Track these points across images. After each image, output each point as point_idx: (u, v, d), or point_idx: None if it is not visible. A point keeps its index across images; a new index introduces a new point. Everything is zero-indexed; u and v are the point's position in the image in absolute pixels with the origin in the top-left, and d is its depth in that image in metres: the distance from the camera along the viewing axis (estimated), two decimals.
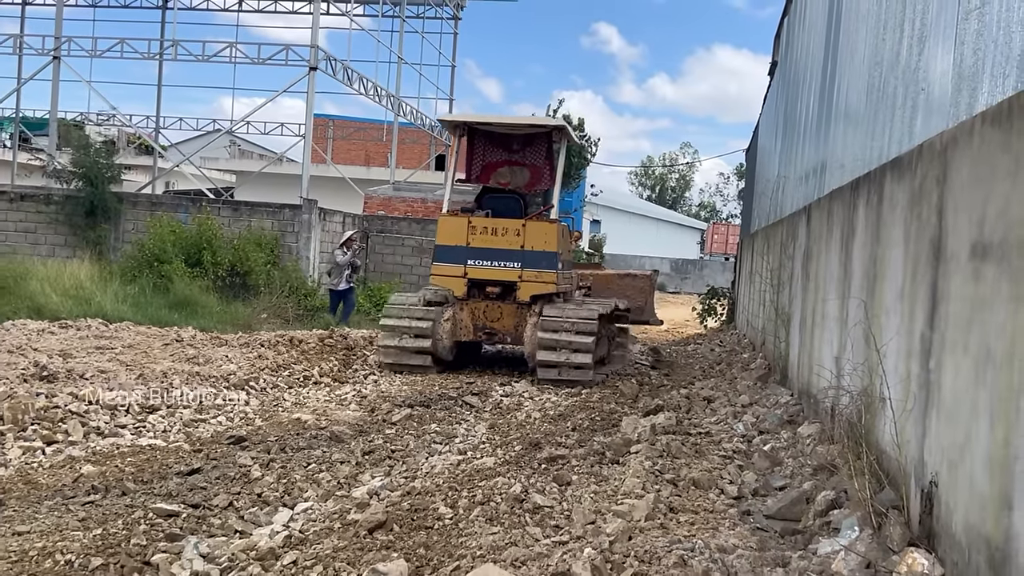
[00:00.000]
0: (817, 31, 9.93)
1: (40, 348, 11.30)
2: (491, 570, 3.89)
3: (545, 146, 13.61)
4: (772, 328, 11.43)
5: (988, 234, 3.68)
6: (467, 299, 12.52)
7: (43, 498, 5.63)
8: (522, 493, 5.76)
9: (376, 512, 5.34)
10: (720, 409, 9.16)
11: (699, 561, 4.26)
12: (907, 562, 3.78)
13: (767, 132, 17.79)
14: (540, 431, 8.38)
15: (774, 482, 5.92)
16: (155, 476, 6.26)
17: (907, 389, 4.65)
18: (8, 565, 4.37)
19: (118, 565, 4.49)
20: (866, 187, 6.18)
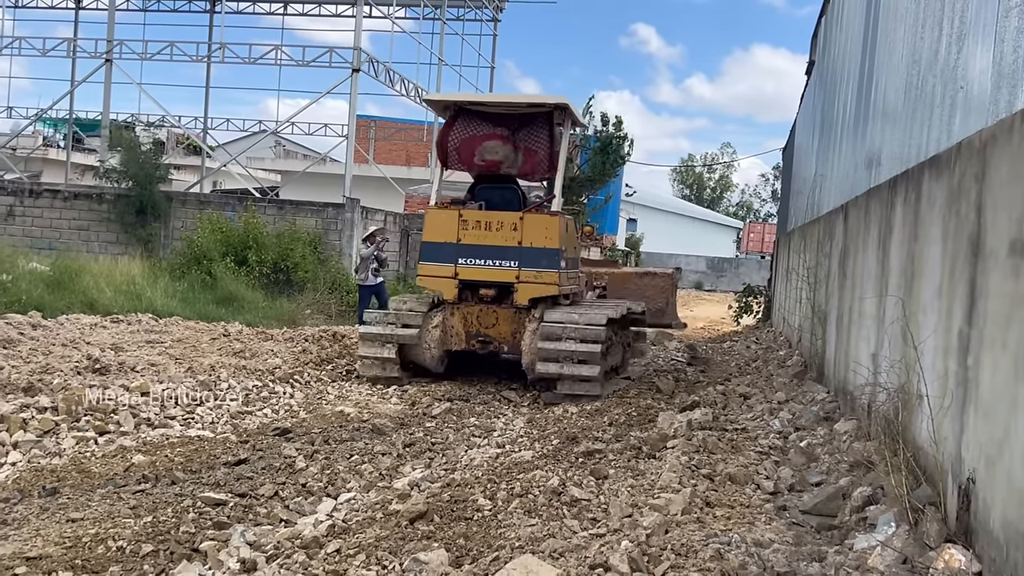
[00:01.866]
0: (855, 30, 9.83)
1: (93, 342, 11.45)
2: (530, 561, 3.90)
3: (546, 129, 11.14)
4: (808, 326, 11.34)
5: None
6: (458, 303, 10.80)
7: (96, 486, 5.69)
8: (560, 486, 5.76)
9: (417, 503, 5.37)
10: (756, 405, 9.10)
11: (735, 555, 4.24)
12: (944, 558, 3.74)
13: (804, 131, 17.62)
14: (577, 425, 8.36)
15: (810, 478, 5.88)
16: (203, 466, 6.32)
17: (944, 386, 4.60)
18: (63, 551, 4.43)
19: (168, 552, 4.54)
20: (904, 185, 6.12)
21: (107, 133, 29.88)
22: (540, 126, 11.16)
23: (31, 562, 4.24)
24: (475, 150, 11.22)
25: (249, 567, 4.38)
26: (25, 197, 26.09)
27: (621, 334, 12.02)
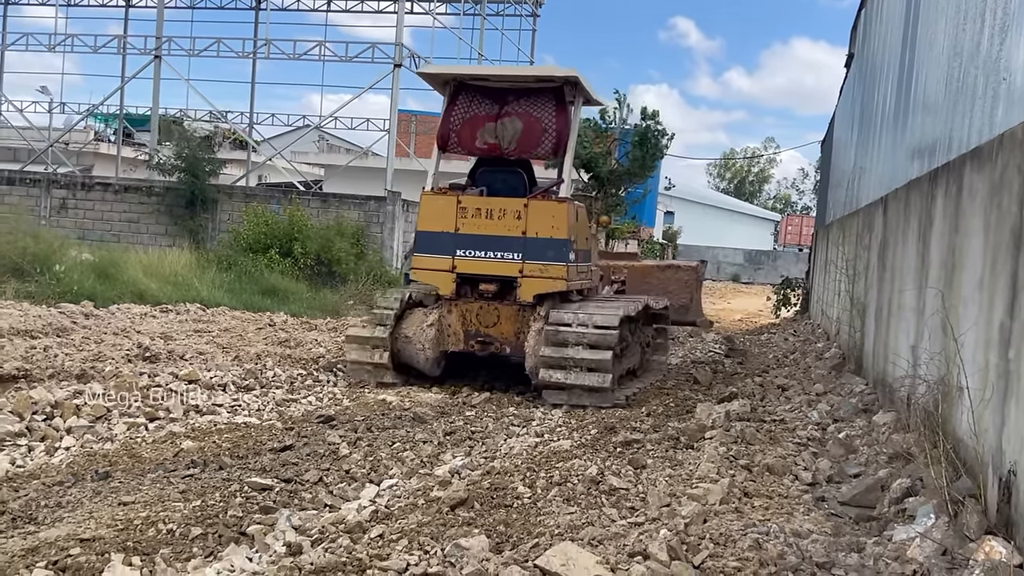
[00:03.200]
0: (895, 23, 9.72)
1: (143, 331, 11.59)
2: (569, 548, 3.90)
3: (554, 105, 9.80)
4: (847, 318, 11.25)
5: None
6: (456, 299, 9.59)
7: (146, 471, 5.76)
8: (598, 475, 5.77)
9: (458, 490, 5.40)
10: (794, 397, 9.05)
11: (774, 545, 4.22)
12: (984, 550, 3.70)
13: (843, 124, 17.44)
14: (615, 416, 8.33)
15: (849, 469, 5.84)
16: (250, 452, 6.38)
17: (985, 378, 4.55)
18: (115, 533, 4.49)
19: (216, 535, 4.58)
20: (945, 177, 6.05)
21: (157, 127, 30.27)
22: (548, 102, 9.87)
23: (84, 543, 4.29)
24: (476, 132, 10.01)
25: (295, 550, 4.41)
26: (77, 190, 26.50)
27: (639, 333, 10.97)
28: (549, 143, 9.80)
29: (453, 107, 10.13)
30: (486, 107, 10.04)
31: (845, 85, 18.02)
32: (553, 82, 9.92)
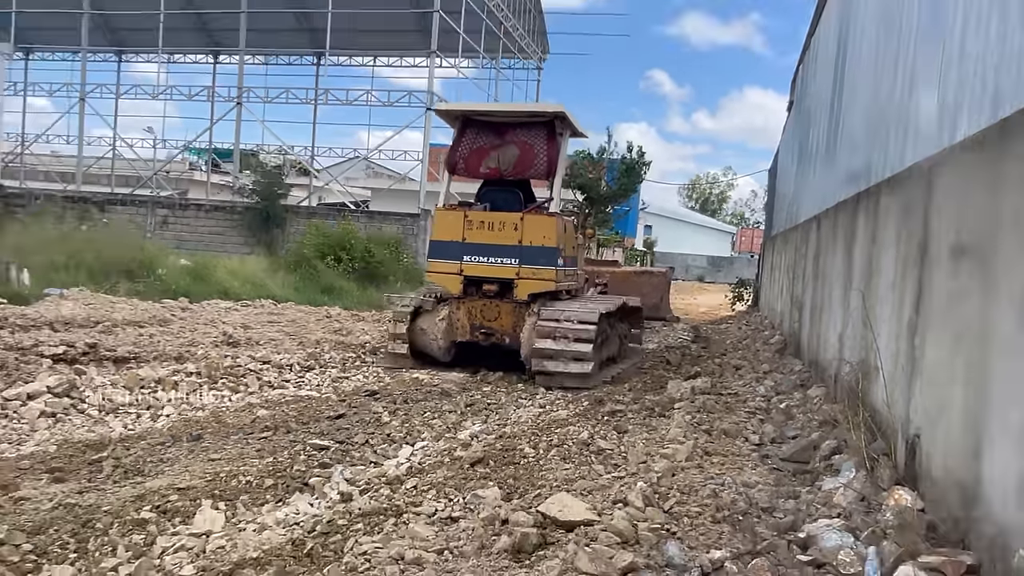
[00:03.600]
0: (826, 76, 9.70)
1: (227, 321, 11.65)
2: (565, 497, 3.92)
3: (546, 136, 9.46)
4: (788, 312, 11.25)
5: (962, 238, 3.60)
6: (464, 297, 9.34)
7: (229, 434, 5.81)
8: (589, 438, 5.77)
9: (476, 451, 5.43)
10: (746, 375, 9.04)
11: (727, 493, 4.24)
12: (894, 497, 3.71)
13: (785, 156, 17.39)
14: (603, 391, 8.33)
15: (788, 432, 5.85)
16: (311, 419, 6.41)
17: (896, 362, 4.56)
18: (205, 483, 4.53)
19: (284, 485, 4.63)
20: (866, 201, 6.05)
21: (238, 159, 30.40)
22: (541, 133, 9.48)
23: (180, 492, 4.34)
24: (481, 160, 9.72)
25: (346, 498, 4.44)
26: (176, 209, 26.68)
27: (617, 326, 10.57)
28: (541, 167, 9.51)
29: (461, 138, 9.85)
30: (489, 138, 9.73)
31: (787, 125, 17.97)
32: (545, 116, 9.60)
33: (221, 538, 3.80)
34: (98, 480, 4.57)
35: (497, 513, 3.88)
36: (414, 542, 3.62)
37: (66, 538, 3.68)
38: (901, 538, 3.34)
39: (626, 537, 3.48)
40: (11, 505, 4.06)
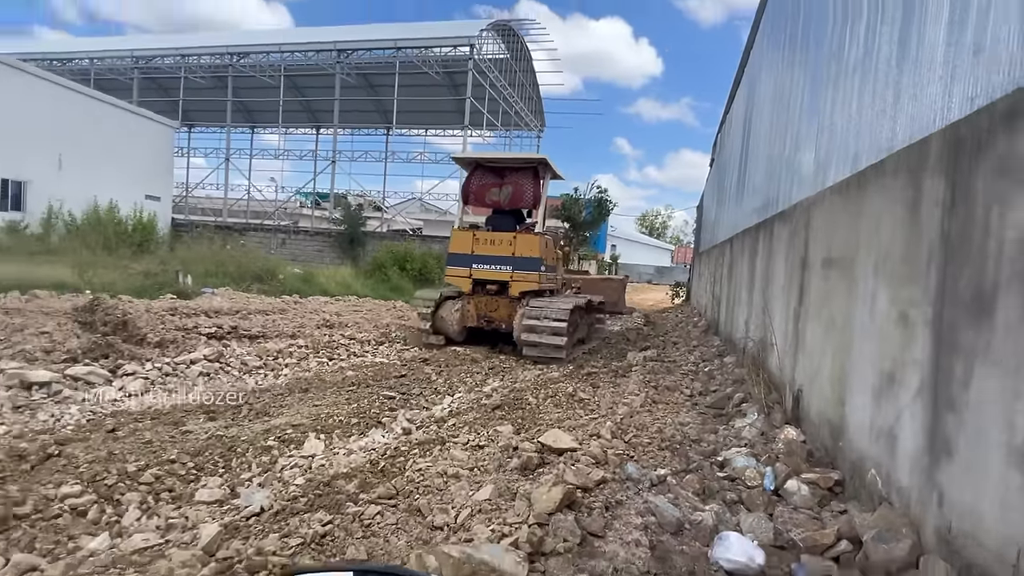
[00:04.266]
0: (736, 141, 9.66)
1: (325, 311, 11.67)
2: (557, 432, 3.93)
3: (532, 177, 9.13)
4: (710, 305, 11.20)
5: (831, 253, 3.59)
6: (472, 294, 8.99)
7: (327, 387, 5.82)
8: (573, 391, 5.79)
9: (495, 400, 5.45)
10: (681, 348, 9.02)
11: (669, 430, 4.24)
12: (784, 432, 3.70)
13: (708, 197, 17.31)
14: (581, 359, 8.33)
15: (711, 388, 5.83)
16: (383, 377, 6.42)
17: (785, 339, 4.55)
18: (310, 421, 4.56)
19: (364, 422, 4.64)
20: (764, 228, 6.02)
21: (333, 200, 30.52)
22: (529, 175, 9.13)
23: (294, 427, 4.36)
24: (486, 195, 9.30)
25: (407, 432, 4.46)
26: (290, 235, 26.76)
27: (586, 317, 10.12)
28: (529, 199, 9.12)
29: (471, 178, 9.44)
30: (492, 179, 9.34)
31: (709, 176, 17.86)
32: (532, 163, 9.23)
33: (322, 459, 3.83)
34: (238, 419, 4.61)
35: (510, 443, 3.90)
36: (453, 462, 3.63)
37: (216, 458, 3.72)
38: (789, 461, 3.34)
39: (599, 459, 3.49)
40: (180, 435, 4.11)
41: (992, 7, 2.14)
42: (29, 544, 2.68)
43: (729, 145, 11.47)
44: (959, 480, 2.08)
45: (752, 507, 2.99)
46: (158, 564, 2.39)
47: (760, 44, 7.91)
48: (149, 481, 3.30)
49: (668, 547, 2.54)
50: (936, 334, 2.29)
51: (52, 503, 2.98)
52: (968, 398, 2.07)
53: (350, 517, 2.86)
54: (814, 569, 2.41)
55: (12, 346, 5.78)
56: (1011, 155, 1.96)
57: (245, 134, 40.75)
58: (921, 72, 2.63)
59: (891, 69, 2.94)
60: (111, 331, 6.92)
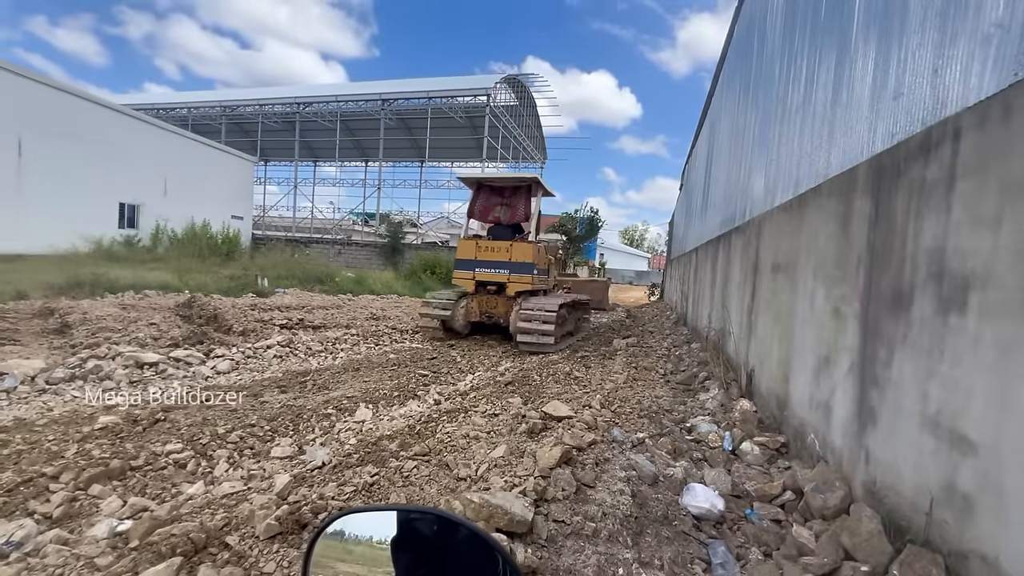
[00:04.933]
0: (700, 170, 9.57)
1: (372, 307, 11.68)
2: (557, 403, 3.92)
3: (526, 194, 8.51)
4: (680, 301, 11.10)
5: (778, 260, 3.54)
6: (476, 293, 8.38)
7: (374, 367, 5.82)
8: (569, 371, 5.74)
9: (507, 377, 5.41)
10: (656, 336, 8.94)
11: (647, 401, 4.20)
12: (740, 404, 3.66)
13: (678, 215, 17.17)
14: (577, 346, 8.29)
15: (680, 368, 5.78)
16: (418, 359, 6.41)
17: (741, 328, 4.50)
18: (361, 393, 4.56)
19: (403, 395, 4.64)
20: (724, 239, 5.96)
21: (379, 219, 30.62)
22: (524, 192, 8.52)
23: (348, 398, 4.38)
24: (489, 213, 8.66)
25: (438, 402, 4.46)
26: (345, 246, 26.84)
27: (574, 313, 9.42)
28: (524, 215, 8.45)
29: (477, 196, 8.76)
30: (494, 197, 8.70)
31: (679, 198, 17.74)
32: (526, 182, 8.48)
33: (370, 424, 3.84)
34: (304, 392, 4.62)
35: (520, 411, 3.89)
36: (474, 426, 3.63)
37: (287, 423, 3.74)
38: (744, 427, 3.30)
39: (590, 425, 3.47)
40: (258, 404, 4.14)
41: (908, 60, 2.11)
42: (141, 490, 2.72)
43: (695, 173, 11.38)
44: (882, 443, 2.06)
45: (714, 464, 2.97)
46: (242, 506, 2.41)
47: (720, 92, 7.85)
48: (235, 441, 3.34)
49: (646, 495, 2.53)
50: (863, 325, 2.27)
51: (159, 457, 3.02)
52: (890, 376, 2.04)
53: (393, 470, 2.87)
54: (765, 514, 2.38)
55: (128, 334, 5.86)
56: (923, 179, 1.93)
57: (309, 167, 41.01)
58: (851, 113, 2.60)
59: (826, 111, 2.91)
60: (205, 322, 6.99)
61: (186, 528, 2.15)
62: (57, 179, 17.42)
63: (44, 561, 2.03)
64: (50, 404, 3.82)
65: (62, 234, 16.17)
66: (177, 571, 1.91)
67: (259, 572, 1.99)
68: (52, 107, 17.26)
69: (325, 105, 30.80)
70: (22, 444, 3.08)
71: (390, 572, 0.91)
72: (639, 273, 55.51)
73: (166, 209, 21.18)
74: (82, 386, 4.27)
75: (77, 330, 5.90)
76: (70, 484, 2.65)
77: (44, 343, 5.44)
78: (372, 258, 25.78)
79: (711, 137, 8.48)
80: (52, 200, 17.21)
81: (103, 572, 1.94)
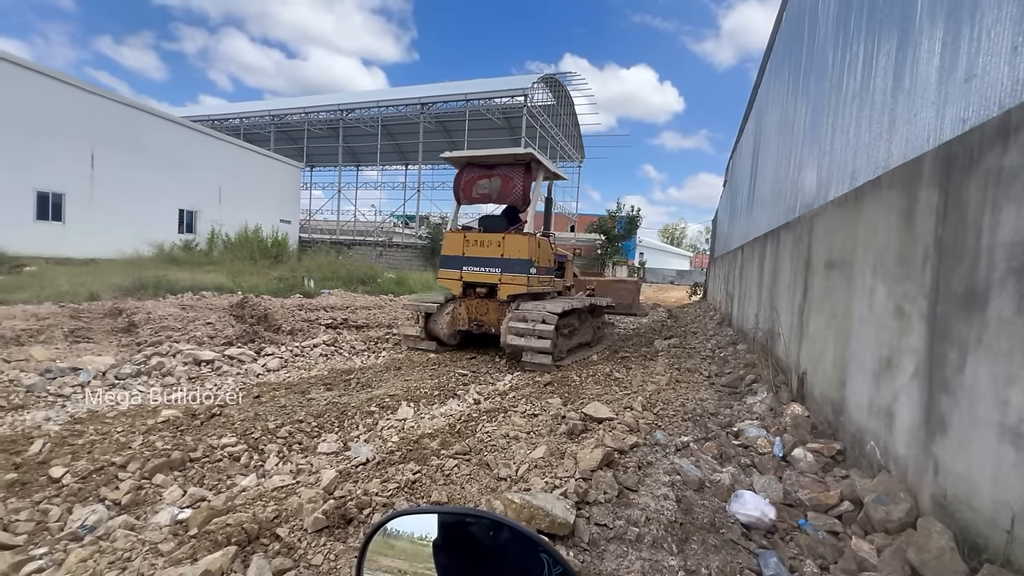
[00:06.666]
0: (746, 164, 9.23)
1: None
2: (597, 404, 3.86)
3: (522, 173, 6.81)
4: (724, 300, 10.74)
5: (832, 256, 3.36)
6: (463, 297, 6.92)
7: (415, 365, 5.90)
8: (609, 372, 5.66)
9: (546, 378, 5.36)
10: (699, 337, 8.67)
11: (690, 404, 4.08)
12: (791, 408, 3.50)
13: (722, 212, 16.60)
14: (618, 345, 8.15)
15: (725, 370, 5.58)
16: (458, 359, 6.46)
17: (791, 329, 4.30)
18: (403, 392, 4.64)
19: (444, 394, 4.69)
20: (772, 236, 5.72)
21: (419, 220, 31.17)
22: (519, 170, 6.85)
23: (390, 396, 4.45)
24: (473, 188, 7.04)
25: (477, 401, 4.48)
26: (386, 248, 27.46)
27: (589, 320, 7.72)
28: (518, 195, 6.77)
29: (462, 175, 7.12)
30: (481, 172, 7.08)
31: (722, 195, 17.16)
32: (522, 160, 6.81)
33: (412, 422, 3.89)
34: (348, 389, 4.72)
35: (559, 412, 3.86)
36: (513, 426, 3.62)
37: (333, 419, 3.84)
38: (795, 432, 3.15)
39: (632, 427, 3.40)
40: (306, 401, 4.27)
41: (982, 39, 1.95)
42: (200, 480, 2.86)
43: (740, 168, 10.99)
44: (954, 453, 1.90)
45: (763, 470, 2.84)
46: (291, 499, 2.49)
47: (767, 82, 7.54)
48: (284, 436, 3.46)
49: (691, 501, 2.45)
50: (930, 325, 2.11)
51: (215, 450, 3.17)
52: (962, 381, 1.89)
53: (434, 468, 2.89)
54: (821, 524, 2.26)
55: (187, 333, 6.19)
56: (1001, 167, 1.77)
57: (352, 171, 42.27)
58: (915, 99, 2.42)
59: (886, 98, 2.73)
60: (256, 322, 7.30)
61: (240, 519, 2.24)
62: (124, 188, 18.70)
63: (114, 545, 2.16)
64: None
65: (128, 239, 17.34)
66: (232, 559, 1.99)
67: (307, 564, 2.05)
68: (120, 121, 18.53)
69: (367, 111, 31.62)
70: (94, 435, 3.30)
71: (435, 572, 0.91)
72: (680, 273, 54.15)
73: (220, 214, 22.33)
74: (147, 381, 4.54)
75: (142, 329, 6.28)
76: (136, 473, 2.81)
77: (114, 341, 5.83)
78: (412, 259, 26.25)
79: (757, 130, 8.16)
80: (119, 208, 18.48)
81: (165, 558, 2.05)
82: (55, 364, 4.53)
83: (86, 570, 1.97)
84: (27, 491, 2.59)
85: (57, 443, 3.12)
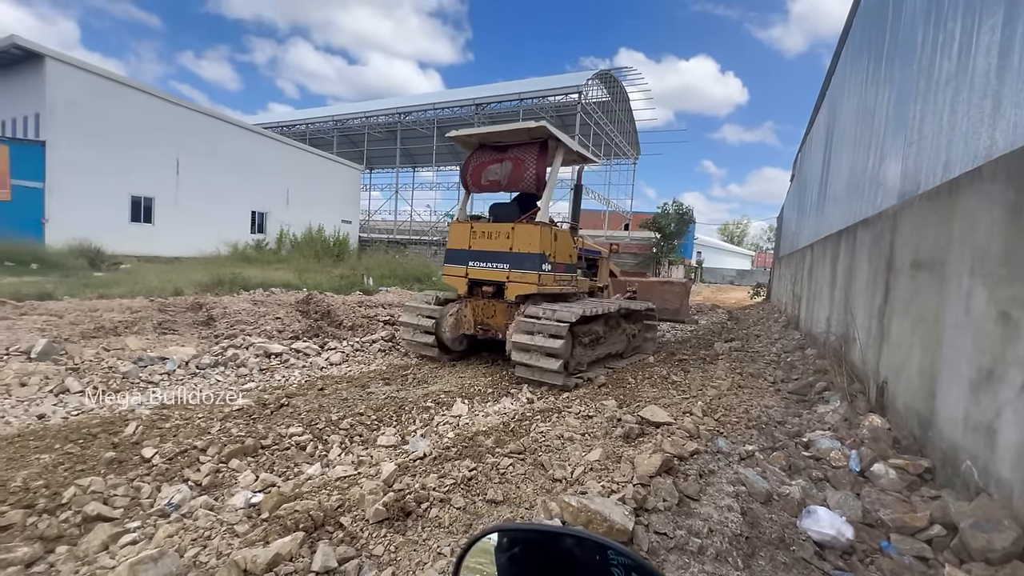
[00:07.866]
0: (817, 158, 8.64)
1: None
2: (654, 408, 3.74)
3: (536, 152, 5.63)
4: (791, 302, 10.13)
5: (919, 255, 3.08)
6: (469, 297, 5.96)
7: (469, 364, 5.97)
8: (666, 374, 5.48)
9: (600, 379, 5.26)
10: (763, 340, 8.22)
11: (755, 411, 3.88)
12: (869, 419, 3.24)
13: (789, 208, 15.65)
14: (675, 348, 7.89)
15: (792, 376, 5.26)
16: None
17: (869, 334, 3.98)
18: (458, 388, 4.71)
19: (498, 392, 4.72)
20: (847, 233, 5.32)
21: None
22: (534, 150, 5.68)
23: (445, 393, 4.52)
24: (482, 174, 5.93)
25: (530, 400, 4.47)
26: (441, 246, 28.05)
27: (624, 326, 6.66)
28: (531, 179, 5.58)
29: (471, 159, 6.10)
30: (492, 155, 5.98)
31: (789, 190, 16.17)
32: (538, 137, 5.72)
33: (466, 419, 3.93)
34: (406, 385, 4.83)
35: (615, 415, 3.77)
36: (568, 427, 3.58)
37: (391, 413, 3.95)
38: (874, 446, 2.92)
39: (692, 433, 3.27)
40: (366, 395, 4.42)
41: None
42: (270, 467, 3.03)
43: (810, 162, 10.32)
44: None
45: (838, 485, 2.64)
46: (353, 489, 2.58)
47: (842, 68, 7.03)
48: (346, 427, 3.60)
49: (758, 514, 2.32)
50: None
51: (284, 439, 3.35)
52: None
53: (489, 466, 2.91)
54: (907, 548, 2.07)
55: (258, 327, 6.59)
56: None
57: (408, 172, 43.50)
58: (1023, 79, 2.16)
59: (989, 80, 2.46)
60: (320, 317, 7.65)
61: (307, 506, 2.35)
62: (203, 192, 20.24)
63: (196, 523, 2.33)
64: (199, 386, 4.41)
65: (207, 239, 18.76)
66: (300, 544, 2.09)
67: (369, 554, 2.11)
68: (200, 130, 20.08)
69: (423, 113, 32.40)
70: (179, 420, 3.58)
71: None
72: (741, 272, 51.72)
73: (288, 215, 23.69)
74: (223, 371, 4.87)
75: (219, 323, 6.75)
76: (215, 457, 3.02)
77: (195, 333, 6.30)
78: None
79: (830, 120, 7.63)
80: (200, 210, 20.02)
81: (241, 538, 2.18)
82: (146, 353, 4.96)
83: (172, 545, 2.13)
84: (123, 469, 2.85)
85: (148, 426, 3.40)
